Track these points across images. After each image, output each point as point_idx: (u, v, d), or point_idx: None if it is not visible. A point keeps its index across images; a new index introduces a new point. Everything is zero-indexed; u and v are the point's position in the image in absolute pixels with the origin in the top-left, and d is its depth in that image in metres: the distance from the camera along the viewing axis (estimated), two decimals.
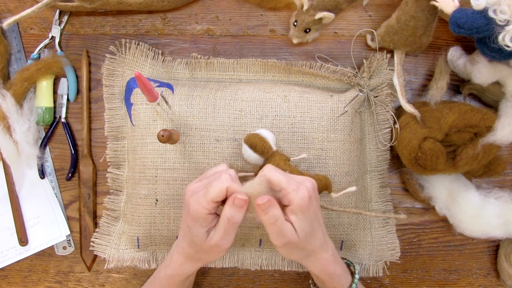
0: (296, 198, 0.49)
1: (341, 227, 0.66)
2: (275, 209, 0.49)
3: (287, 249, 0.52)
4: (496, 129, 0.61)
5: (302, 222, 0.50)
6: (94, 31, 0.71)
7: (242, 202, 0.48)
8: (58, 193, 0.72)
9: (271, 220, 0.49)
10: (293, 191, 0.49)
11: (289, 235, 0.50)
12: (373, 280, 0.71)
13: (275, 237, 0.50)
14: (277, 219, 0.49)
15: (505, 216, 0.65)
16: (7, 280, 0.72)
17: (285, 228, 0.50)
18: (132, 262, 0.67)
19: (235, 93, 0.64)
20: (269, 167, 0.52)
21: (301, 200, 0.49)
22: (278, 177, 0.50)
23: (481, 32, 0.53)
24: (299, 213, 0.50)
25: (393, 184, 0.71)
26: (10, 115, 0.66)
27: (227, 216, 0.49)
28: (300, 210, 0.50)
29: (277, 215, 0.49)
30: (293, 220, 0.50)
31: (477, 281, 0.72)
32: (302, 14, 0.64)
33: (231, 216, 0.49)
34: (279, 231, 0.50)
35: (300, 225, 0.50)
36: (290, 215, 0.50)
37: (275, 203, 0.49)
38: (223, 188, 0.49)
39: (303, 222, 0.50)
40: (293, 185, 0.50)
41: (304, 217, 0.50)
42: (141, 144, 0.65)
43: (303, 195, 0.49)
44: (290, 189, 0.49)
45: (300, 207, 0.49)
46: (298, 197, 0.49)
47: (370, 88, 0.67)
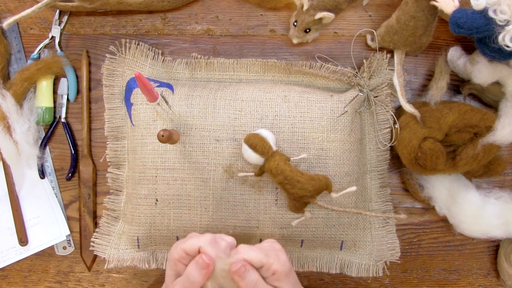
0: (279, 267, 0.50)
1: (341, 227, 0.66)
2: (252, 273, 0.49)
3: None
4: (496, 129, 0.61)
5: (287, 285, 0.51)
6: (94, 31, 0.71)
7: (204, 264, 0.48)
8: (58, 193, 0.72)
9: (250, 286, 0.48)
10: (275, 261, 0.50)
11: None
12: (373, 280, 0.72)
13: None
14: (256, 283, 0.49)
15: (505, 216, 0.65)
16: (7, 280, 0.72)
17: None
18: (132, 262, 0.67)
19: (235, 93, 0.64)
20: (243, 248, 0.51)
21: (284, 266, 0.50)
22: (258, 256, 0.50)
23: (481, 32, 0.53)
24: (284, 279, 0.50)
25: (393, 184, 0.71)
26: (10, 115, 0.66)
27: (187, 271, 0.49)
28: (285, 275, 0.50)
29: (255, 278, 0.49)
30: (277, 285, 0.50)
31: (477, 281, 0.72)
32: (302, 14, 0.64)
33: (191, 273, 0.48)
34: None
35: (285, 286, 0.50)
36: (274, 282, 0.50)
37: (251, 267, 0.49)
38: (196, 245, 0.49)
39: (287, 285, 0.51)
40: (272, 256, 0.50)
41: (288, 280, 0.51)
42: (141, 144, 0.65)
43: (284, 261, 0.51)
44: (272, 260, 0.50)
45: (285, 273, 0.50)
46: (281, 264, 0.50)
47: (370, 88, 0.67)
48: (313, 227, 0.65)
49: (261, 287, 0.49)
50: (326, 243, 0.67)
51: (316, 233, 0.65)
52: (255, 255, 0.50)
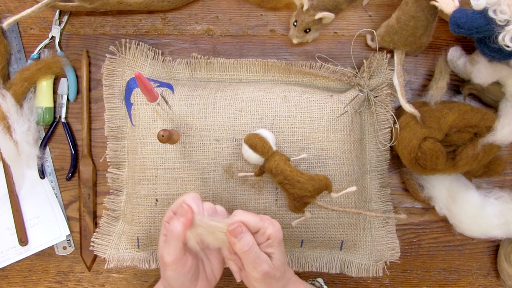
0: (274, 231, 0.51)
1: (341, 227, 0.66)
2: (248, 235, 0.49)
3: (265, 282, 0.51)
4: (496, 129, 0.61)
5: (278, 252, 0.52)
6: (94, 31, 0.71)
7: (183, 212, 0.49)
8: (58, 193, 0.72)
9: (245, 247, 0.49)
10: (270, 226, 0.51)
11: (265, 264, 0.50)
12: (373, 280, 0.72)
13: (253, 267, 0.50)
14: (251, 245, 0.49)
15: (505, 216, 0.65)
16: (7, 280, 0.72)
17: (260, 255, 0.50)
18: (132, 262, 0.67)
19: (235, 93, 0.64)
20: (240, 212, 0.52)
21: (278, 232, 0.52)
22: (254, 219, 0.51)
23: (481, 32, 0.53)
24: (276, 245, 0.51)
25: (393, 184, 0.71)
26: (10, 115, 0.66)
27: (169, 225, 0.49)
28: (278, 242, 0.51)
29: (250, 241, 0.49)
30: (270, 251, 0.51)
31: (477, 281, 0.72)
32: (302, 14, 0.64)
33: (172, 224, 0.49)
34: (255, 258, 0.49)
35: (277, 255, 0.51)
36: (267, 248, 0.51)
37: (247, 229, 0.50)
38: (180, 201, 0.51)
39: (279, 252, 0.52)
40: (267, 221, 0.52)
41: (279, 247, 0.52)
42: (141, 144, 0.65)
43: (278, 227, 0.52)
44: (267, 225, 0.51)
45: (278, 239, 0.51)
46: (276, 230, 0.51)
47: (370, 88, 0.67)
48: (313, 227, 0.65)
49: (256, 250, 0.50)
50: (326, 243, 0.67)
51: (316, 233, 0.65)
52: (251, 218, 0.51)
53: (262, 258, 0.50)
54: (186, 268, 0.51)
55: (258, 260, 0.50)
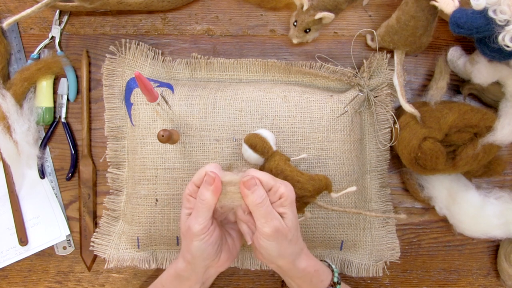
0: (286, 191, 0.51)
1: (341, 227, 0.66)
2: (261, 189, 0.50)
3: (276, 240, 0.51)
4: (496, 129, 0.61)
5: (291, 213, 0.52)
6: (94, 31, 0.71)
7: (210, 179, 0.50)
8: (58, 193, 0.72)
9: (258, 200, 0.49)
10: (282, 185, 0.52)
11: (277, 220, 0.50)
12: (373, 280, 0.72)
13: (264, 222, 0.50)
14: (264, 199, 0.50)
15: (505, 216, 0.65)
16: (7, 280, 0.72)
17: (272, 211, 0.51)
18: (132, 262, 0.67)
19: (235, 93, 0.64)
20: (253, 169, 0.53)
21: (290, 192, 0.52)
22: (267, 176, 0.52)
23: (481, 32, 0.53)
24: (288, 205, 0.52)
25: (393, 184, 0.71)
26: (10, 115, 0.66)
27: (198, 194, 0.51)
28: (290, 202, 0.52)
29: (263, 194, 0.50)
30: (282, 211, 0.51)
31: (477, 281, 0.72)
32: (302, 14, 0.64)
33: (201, 193, 0.50)
34: (267, 213, 0.50)
35: (289, 215, 0.52)
36: (279, 208, 0.51)
37: (260, 184, 0.51)
38: (201, 173, 0.52)
39: (291, 213, 0.52)
40: (279, 181, 0.52)
41: (292, 208, 0.52)
42: (141, 144, 0.65)
43: (291, 188, 0.52)
44: (279, 184, 0.52)
45: (290, 199, 0.52)
46: (288, 190, 0.52)
47: (370, 88, 0.67)
48: (313, 227, 0.65)
49: (268, 203, 0.50)
50: (326, 243, 0.67)
51: (316, 233, 0.65)
52: (264, 175, 0.52)
53: (273, 214, 0.51)
54: (214, 237, 0.52)
55: (270, 216, 0.50)
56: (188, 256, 0.53)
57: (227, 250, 0.56)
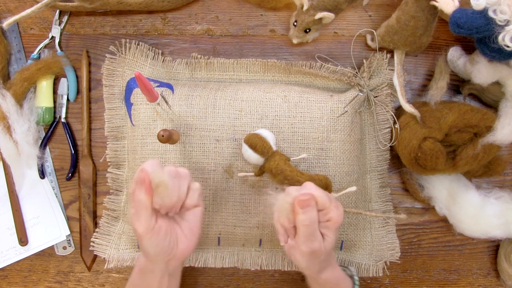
0: (336, 216, 0.50)
1: (341, 227, 0.66)
2: (314, 211, 0.49)
3: (309, 258, 0.51)
4: (496, 129, 0.61)
5: (332, 236, 0.51)
6: (94, 31, 0.71)
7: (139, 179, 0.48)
8: (58, 193, 0.72)
9: (307, 221, 0.49)
10: (335, 209, 0.50)
11: (318, 243, 0.50)
12: (373, 280, 0.71)
13: (305, 241, 0.50)
14: (314, 222, 0.49)
15: (505, 216, 0.65)
16: (7, 280, 0.72)
17: (316, 232, 0.50)
18: (132, 262, 0.67)
19: (235, 93, 0.64)
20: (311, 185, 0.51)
21: (340, 217, 0.51)
22: (325, 197, 0.50)
23: (481, 32, 0.53)
24: (333, 230, 0.51)
25: (393, 184, 0.71)
26: (10, 115, 0.66)
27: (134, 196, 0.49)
28: (336, 227, 0.51)
29: (314, 217, 0.49)
30: (325, 233, 0.51)
31: (477, 281, 0.72)
32: (302, 14, 0.64)
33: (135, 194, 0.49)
34: (311, 234, 0.49)
35: (330, 239, 0.51)
36: (323, 229, 0.51)
37: (315, 205, 0.49)
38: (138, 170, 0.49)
39: (333, 237, 0.51)
40: (334, 203, 0.51)
41: (335, 232, 0.51)
42: (141, 144, 0.65)
43: (341, 213, 0.51)
44: (332, 207, 0.50)
45: (337, 224, 0.51)
46: (339, 214, 0.51)
47: (370, 88, 0.67)
48: None
49: (315, 227, 0.50)
50: None
51: None
52: (322, 194, 0.50)
53: (316, 235, 0.50)
54: (161, 234, 0.50)
55: (313, 237, 0.50)
56: (144, 252, 0.52)
57: (184, 238, 0.53)
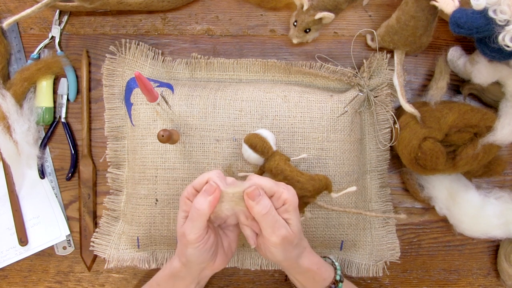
0: (290, 196, 0.51)
1: (341, 227, 0.66)
2: (265, 198, 0.50)
3: (283, 247, 0.51)
4: (496, 129, 0.61)
5: (295, 218, 0.52)
6: (94, 31, 0.71)
7: (210, 189, 0.49)
8: (58, 193, 0.72)
9: (263, 210, 0.49)
10: (286, 191, 0.51)
11: (283, 228, 0.50)
12: (373, 280, 0.72)
13: (271, 231, 0.50)
14: (270, 208, 0.49)
15: (505, 216, 0.65)
16: (7, 280, 0.72)
17: (279, 219, 0.50)
18: (132, 262, 0.67)
19: (235, 93, 0.64)
20: (254, 176, 0.52)
21: (294, 197, 0.51)
22: (270, 183, 0.51)
23: (481, 32, 0.53)
24: (292, 210, 0.51)
25: (393, 184, 0.71)
26: (10, 115, 0.66)
27: (194, 201, 0.50)
28: (294, 207, 0.51)
29: (268, 204, 0.49)
30: (287, 217, 0.51)
31: (477, 281, 0.72)
32: (302, 14, 0.64)
33: (197, 201, 0.49)
34: (273, 221, 0.49)
35: (294, 221, 0.51)
36: (284, 214, 0.51)
37: (264, 193, 0.50)
38: (203, 179, 0.50)
39: (295, 218, 0.52)
40: (282, 186, 0.52)
41: (296, 213, 0.52)
42: (141, 144, 0.65)
43: (294, 192, 0.52)
44: (282, 190, 0.51)
45: (294, 204, 0.51)
46: (291, 194, 0.51)
47: (370, 88, 0.67)
48: (313, 227, 0.65)
49: (274, 213, 0.50)
50: (326, 243, 0.67)
51: (316, 233, 0.65)
52: (266, 181, 0.51)
53: (280, 222, 0.50)
54: (208, 244, 0.51)
55: (277, 224, 0.50)
56: (183, 259, 0.53)
57: (223, 252, 0.55)
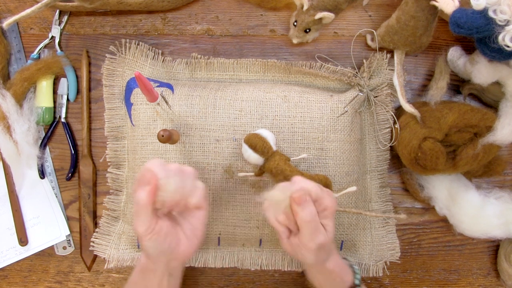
0: (330, 203, 0.50)
1: (341, 227, 0.66)
2: (311, 205, 0.49)
3: (317, 252, 0.50)
4: (496, 129, 0.61)
5: (332, 225, 0.51)
6: (94, 31, 0.71)
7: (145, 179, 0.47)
8: (58, 193, 0.72)
9: (308, 217, 0.48)
10: (328, 197, 0.50)
11: (322, 235, 0.50)
12: (373, 280, 0.71)
13: (311, 237, 0.49)
14: (315, 216, 0.49)
15: (505, 216, 0.65)
16: (7, 280, 0.72)
17: (319, 226, 0.50)
18: (132, 262, 0.67)
19: (235, 93, 0.64)
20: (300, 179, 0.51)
21: (334, 203, 0.51)
22: (316, 188, 0.50)
23: (481, 32, 0.53)
24: (330, 217, 0.51)
25: (393, 184, 0.71)
26: (10, 115, 0.66)
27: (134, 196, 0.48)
28: (332, 214, 0.51)
29: (313, 211, 0.49)
30: (325, 223, 0.51)
31: (477, 281, 0.72)
32: (302, 14, 0.64)
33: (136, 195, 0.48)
34: (315, 228, 0.49)
35: (330, 227, 0.51)
36: (323, 219, 0.51)
37: (310, 198, 0.49)
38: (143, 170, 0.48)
39: (332, 225, 0.51)
40: (325, 191, 0.51)
41: (333, 219, 0.52)
42: (141, 144, 0.65)
43: (334, 199, 0.51)
44: (325, 195, 0.50)
45: (333, 211, 0.51)
46: (332, 200, 0.51)
47: (370, 88, 0.67)
48: None
49: (317, 220, 0.49)
50: None
51: None
52: (313, 186, 0.50)
53: (320, 229, 0.50)
54: (162, 235, 0.49)
55: (317, 231, 0.49)
56: (144, 252, 0.52)
57: (186, 239, 0.52)
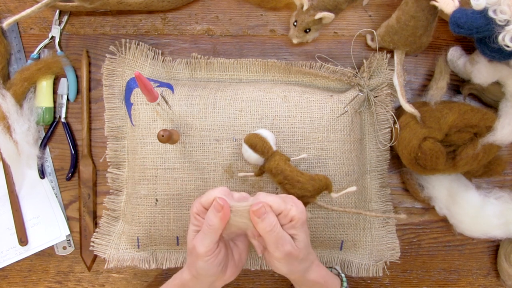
0: (297, 213, 0.51)
1: (341, 227, 0.66)
2: (271, 216, 0.50)
3: (287, 262, 0.51)
4: (496, 129, 0.61)
5: (302, 234, 0.52)
6: (94, 31, 0.71)
7: (218, 206, 0.49)
8: (58, 193, 0.72)
9: (268, 227, 0.49)
10: (293, 207, 0.51)
11: (288, 244, 0.50)
12: (373, 280, 0.72)
13: (275, 247, 0.50)
14: (274, 226, 0.49)
15: (505, 216, 0.65)
16: (7, 280, 0.72)
17: (283, 235, 0.50)
18: (132, 262, 0.67)
19: (235, 93, 0.64)
20: (263, 194, 0.52)
21: (302, 213, 0.51)
22: (277, 201, 0.51)
23: (481, 32, 0.53)
24: (299, 227, 0.51)
25: (393, 184, 0.71)
26: (10, 115, 0.66)
27: (206, 217, 0.50)
28: (301, 224, 0.51)
29: (273, 221, 0.50)
30: (293, 233, 0.51)
31: (477, 281, 0.72)
32: (302, 14, 0.64)
33: (208, 217, 0.50)
34: (277, 238, 0.50)
35: (300, 237, 0.51)
36: (290, 230, 0.51)
37: (271, 210, 0.50)
38: (211, 196, 0.51)
39: (303, 234, 0.52)
40: (290, 202, 0.52)
41: (304, 229, 0.52)
42: (141, 144, 0.65)
43: (302, 209, 0.52)
44: (289, 207, 0.51)
45: (301, 221, 0.51)
46: (299, 211, 0.51)
47: (370, 88, 0.67)
48: (313, 227, 0.65)
49: (278, 230, 0.50)
50: (326, 243, 0.67)
51: (316, 233, 0.65)
52: (274, 199, 0.51)
53: (285, 238, 0.50)
54: (219, 258, 0.51)
55: (281, 241, 0.50)
56: (194, 271, 0.53)
57: (233, 264, 0.55)
